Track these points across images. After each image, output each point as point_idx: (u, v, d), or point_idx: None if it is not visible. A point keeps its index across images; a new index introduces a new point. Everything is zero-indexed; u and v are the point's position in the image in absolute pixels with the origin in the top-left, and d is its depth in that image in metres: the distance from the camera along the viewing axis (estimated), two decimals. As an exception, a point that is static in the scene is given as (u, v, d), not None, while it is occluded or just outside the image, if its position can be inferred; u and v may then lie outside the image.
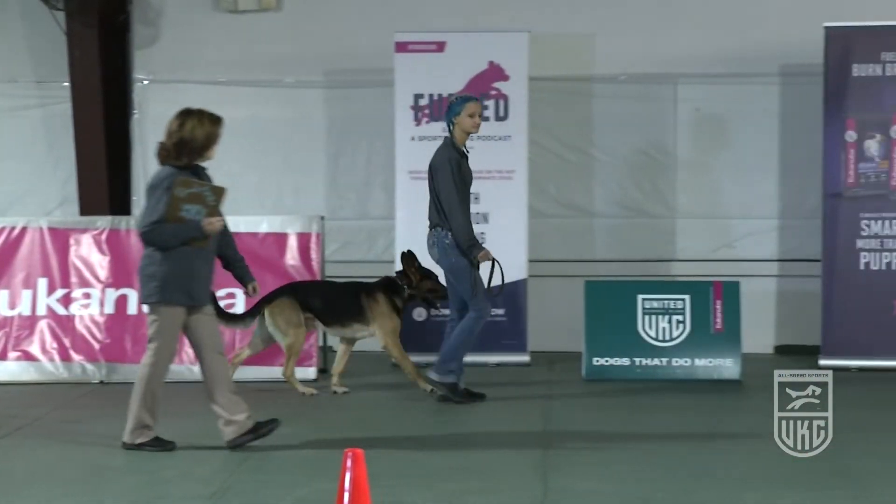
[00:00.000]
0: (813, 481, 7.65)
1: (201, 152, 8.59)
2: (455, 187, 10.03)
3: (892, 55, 11.89)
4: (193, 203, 8.40)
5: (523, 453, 8.63)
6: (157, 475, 8.12)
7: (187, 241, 8.42)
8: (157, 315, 8.52)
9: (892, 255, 11.94)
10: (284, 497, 7.49)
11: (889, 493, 7.47)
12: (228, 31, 13.22)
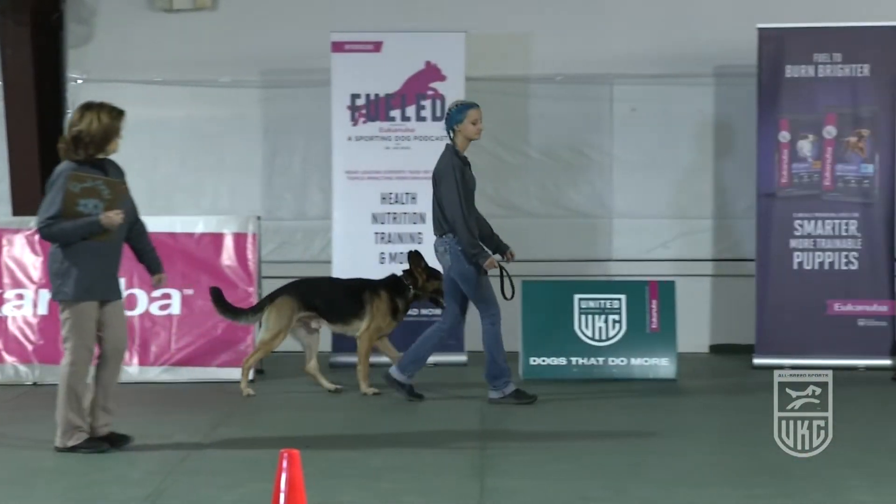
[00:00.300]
0: (740, 478, 7.74)
1: (101, 146, 8.47)
2: (459, 196, 10.00)
3: (825, 56, 11.99)
4: (89, 197, 8.32)
5: (460, 453, 8.65)
6: (91, 477, 8.07)
7: (88, 236, 8.32)
8: (69, 313, 8.41)
9: (825, 254, 12.05)
10: (220, 498, 7.47)
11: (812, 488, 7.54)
12: (163, 30, 13.15)
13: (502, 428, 9.49)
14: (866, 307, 12.04)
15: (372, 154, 12.20)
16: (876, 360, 11.89)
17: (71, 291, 8.34)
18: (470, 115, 10.10)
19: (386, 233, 12.20)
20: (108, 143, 8.50)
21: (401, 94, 12.20)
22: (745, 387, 11.22)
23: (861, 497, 7.41)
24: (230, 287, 11.45)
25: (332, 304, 10.98)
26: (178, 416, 9.89)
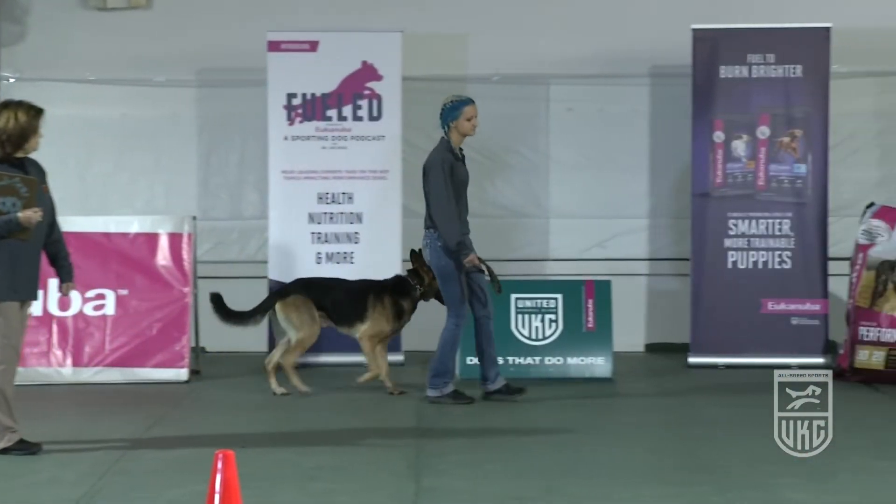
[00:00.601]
0: (678, 476, 7.78)
1: (19, 144, 8.33)
2: (444, 190, 10.00)
3: (758, 57, 12.09)
4: (7, 195, 8.23)
5: (396, 452, 8.65)
6: (24, 479, 8.02)
7: (7, 235, 8.23)
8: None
9: (759, 253, 12.15)
10: (154, 500, 7.44)
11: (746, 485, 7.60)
12: (97, 28, 13.07)
13: (439, 427, 9.51)
14: (799, 306, 12.14)
15: (308, 154, 12.19)
16: (809, 359, 11.95)
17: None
18: (465, 111, 10.11)
19: (322, 233, 12.19)
20: (26, 141, 8.36)
21: (337, 93, 12.19)
22: (680, 385, 11.31)
23: (794, 495, 7.48)
24: (165, 287, 11.44)
25: (339, 305, 10.92)
26: (113, 417, 9.84)
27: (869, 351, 11.35)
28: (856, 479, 7.92)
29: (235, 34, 12.76)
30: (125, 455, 8.61)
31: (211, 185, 13.17)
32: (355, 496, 7.49)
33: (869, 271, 11.48)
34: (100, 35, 13.06)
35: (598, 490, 7.57)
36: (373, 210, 12.21)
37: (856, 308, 11.50)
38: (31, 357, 11.26)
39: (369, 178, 12.20)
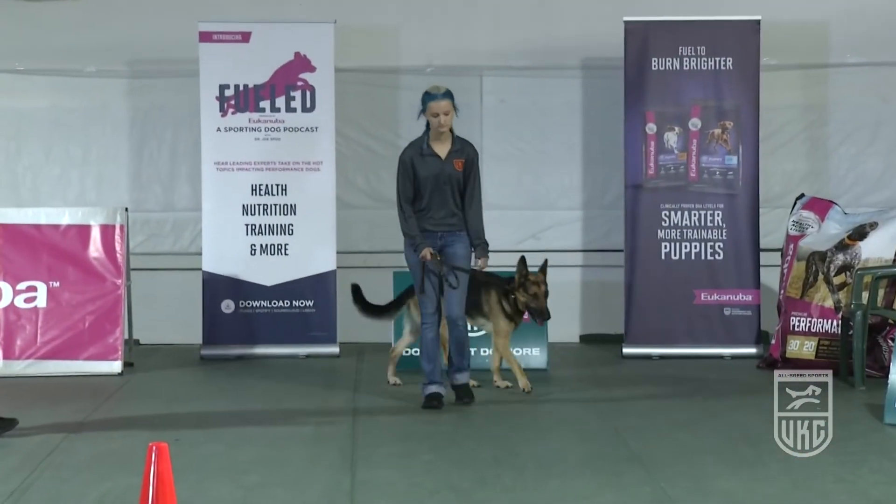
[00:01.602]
0: (609, 466, 7.84)
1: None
2: (399, 187, 9.72)
3: (689, 49, 12.17)
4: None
5: (331, 446, 8.67)
6: (-44, 474, 8.01)
7: None
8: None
9: (692, 244, 12.24)
10: (88, 493, 7.44)
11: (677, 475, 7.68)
12: (26, 18, 12.95)
13: (374, 420, 9.53)
14: (732, 296, 12.25)
15: (241, 145, 12.19)
16: (741, 349, 12.11)
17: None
18: (430, 106, 9.55)
19: (256, 224, 12.18)
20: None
21: (270, 84, 12.19)
22: (614, 376, 11.37)
23: (723, 484, 7.58)
24: (98, 279, 11.40)
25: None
26: (45, 410, 9.79)
27: (800, 341, 11.47)
28: (784, 468, 8.02)
29: (167, 24, 12.70)
30: (58, 448, 8.59)
31: (143, 176, 13.11)
32: (290, 489, 7.51)
33: (800, 262, 11.59)
34: (28, 24, 12.96)
35: (531, 480, 7.64)
36: (307, 201, 12.21)
37: (787, 298, 11.61)
38: (-32, 348, 11.25)
39: (303, 169, 12.21)
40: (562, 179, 13.16)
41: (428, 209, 9.69)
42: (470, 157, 9.77)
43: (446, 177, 9.65)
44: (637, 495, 7.32)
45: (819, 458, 8.19)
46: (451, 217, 9.75)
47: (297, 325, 12.18)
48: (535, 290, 10.26)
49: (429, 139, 9.66)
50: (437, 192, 9.67)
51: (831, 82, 13.07)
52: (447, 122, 9.53)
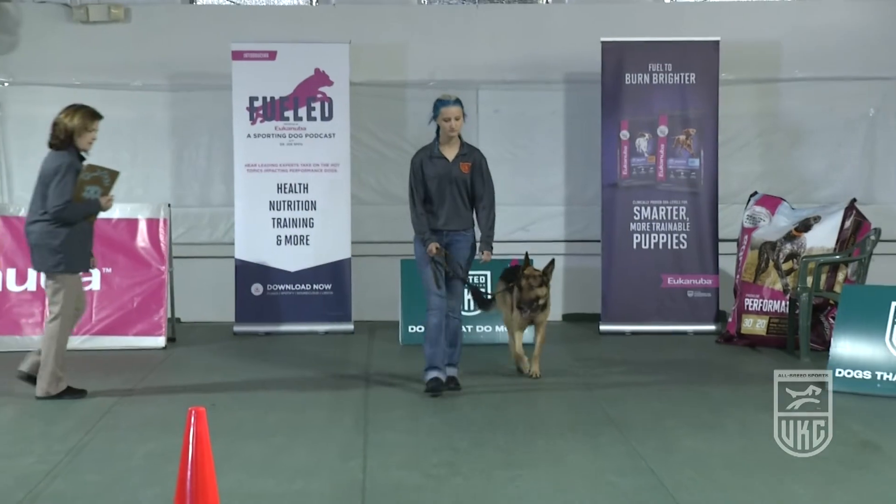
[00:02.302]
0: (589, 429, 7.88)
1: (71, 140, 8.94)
2: (410, 186, 9.26)
3: (658, 66, 12.14)
4: (94, 184, 8.84)
5: (347, 410, 8.70)
6: (20, 434, 8.03)
7: (84, 217, 8.84)
8: (61, 282, 8.88)
9: (659, 235, 12.22)
10: (136, 451, 7.48)
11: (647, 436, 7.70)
12: (81, 39, 12.96)
13: (384, 389, 9.55)
14: (694, 281, 12.24)
15: (268, 149, 12.17)
16: (702, 326, 12.11)
17: (67, 265, 8.88)
18: (442, 111, 9.13)
19: (281, 218, 12.18)
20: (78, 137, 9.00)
21: (293, 96, 12.17)
22: (592, 351, 11.35)
23: (686, 443, 7.61)
24: (144, 266, 11.43)
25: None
26: (98, 379, 9.81)
27: (753, 319, 11.48)
28: (740, 430, 8.05)
29: (203, 44, 12.68)
30: (110, 411, 8.63)
31: (183, 176, 13.10)
32: (311, 449, 7.56)
33: (753, 251, 11.60)
34: (83, 45, 12.95)
35: (521, 441, 7.69)
36: (325, 198, 12.20)
37: (742, 282, 11.62)
38: (27, 327, 11.25)
39: (322, 170, 12.20)
40: (548, 179, 13.14)
41: (435, 208, 9.22)
42: (477, 161, 9.29)
43: (452, 178, 9.17)
44: (612, 454, 7.37)
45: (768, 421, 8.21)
46: (456, 216, 9.24)
47: (316, 306, 12.18)
48: (523, 283, 9.59)
49: (439, 143, 9.26)
50: (444, 192, 9.19)
51: (781, 94, 13.06)
52: (457, 127, 9.13)
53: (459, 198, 9.22)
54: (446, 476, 6.90)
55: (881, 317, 9.22)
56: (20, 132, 13.01)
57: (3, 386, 9.62)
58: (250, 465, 7.13)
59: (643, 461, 7.16)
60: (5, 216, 11.53)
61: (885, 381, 9.06)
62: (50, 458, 7.32)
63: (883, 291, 9.55)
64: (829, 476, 6.90)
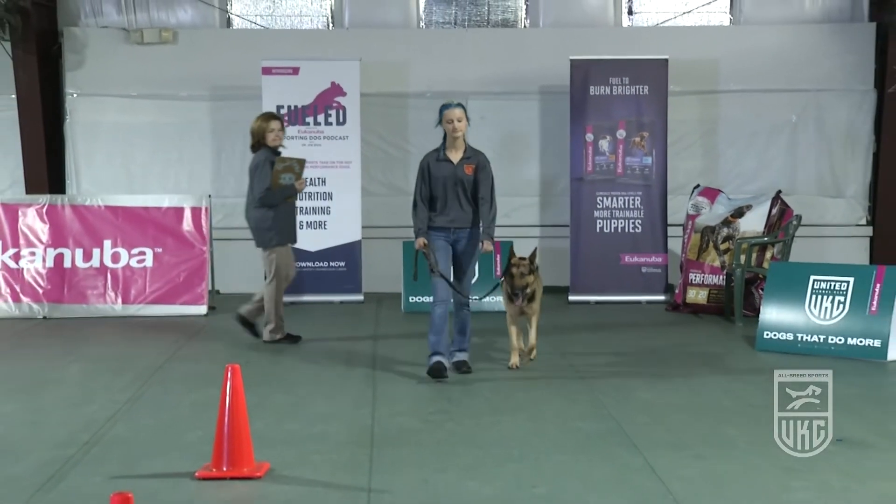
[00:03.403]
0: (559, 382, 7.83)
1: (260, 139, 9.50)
2: (416, 185, 8.33)
3: (617, 80, 12.10)
4: (287, 172, 9.32)
5: (358, 368, 8.69)
6: (86, 386, 8.03)
7: (283, 200, 9.32)
8: (275, 253, 9.40)
9: (618, 221, 12.19)
10: (182, 401, 7.48)
11: (609, 387, 7.69)
12: (137, 58, 12.94)
13: (389, 349, 9.54)
14: (647, 258, 12.23)
15: (293, 149, 11.99)
16: (654, 297, 12.10)
17: (278, 239, 9.39)
18: (445, 114, 8.30)
19: (303, 206, 12.12)
20: (263, 137, 9.47)
21: (313, 105, 12.13)
22: (563, 317, 11.34)
23: (641, 394, 7.61)
24: (189, 246, 11.42)
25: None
26: (151, 341, 9.82)
27: (696, 290, 11.48)
28: (686, 382, 8.05)
29: (238, 62, 12.65)
30: (161, 368, 8.64)
31: (221, 172, 13.07)
32: (329, 398, 7.57)
33: (696, 234, 11.59)
34: (138, 62, 12.95)
35: (503, 392, 7.68)
36: (340, 190, 12.16)
37: (687, 260, 11.61)
38: (92, 297, 11.24)
39: (337, 167, 12.16)
40: (525, 174, 13.11)
41: (441, 208, 8.30)
42: (481, 163, 8.36)
43: (457, 179, 8.25)
44: (579, 401, 7.38)
45: (710, 376, 8.23)
46: (461, 215, 8.31)
47: (333, 280, 12.17)
48: (513, 272, 8.47)
49: (444, 147, 8.36)
50: (449, 192, 8.27)
51: (720, 104, 13.05)
52: (460, 128, 8.27)
53: (464, 197, 8.32)
54: (441, 421, 6.89)
55: (801, 288, 9.22)
56: (86, 136, 13.01)
57: (73, 347, 9.64)
58: (278, 412, 7.13)
59: (605, 409, 7.16)
60: (74, 205, 11.49)
61: (804, 342, 9.07)
62: (111, 406, 7.33)
63: (803, 267, 9.56)
64: (757, 420, 6.90)
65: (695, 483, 5.64)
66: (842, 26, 13.11)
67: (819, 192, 13.08)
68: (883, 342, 8.70)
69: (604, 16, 13.30)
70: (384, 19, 13.32)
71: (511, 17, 13.55)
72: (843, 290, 9.04)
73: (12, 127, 12.92)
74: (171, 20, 13.24)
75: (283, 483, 5.69)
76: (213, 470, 5.77)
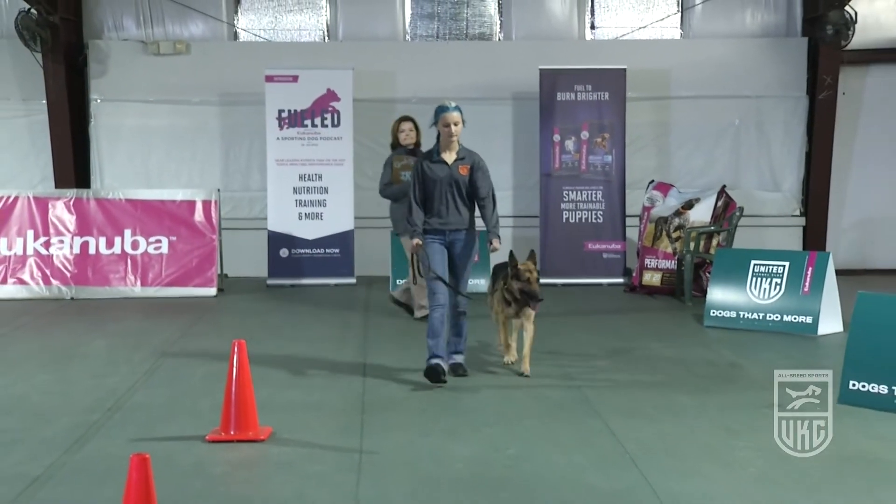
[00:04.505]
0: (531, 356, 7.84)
1: (395, 138, 9.75)
2: (410, 188, 7.33)
3: (581, 87, 12.09)
4: (407, 170, 9.25)
5: (351, 341, 8.70)
6: (109, 359, 8.00)
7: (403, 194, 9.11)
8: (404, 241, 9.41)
9: (582, 212, 12.18)
10: (195, 372, 7.47)
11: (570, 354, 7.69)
12: (154, 67, 12.84)
13: (378, 327, 9.52)
14: (608, 246, 12.23)
15: (293, 148, 12.08)
16: (614, 280, 12.08)
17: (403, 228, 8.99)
18: (442, 117, 7.30)
19: (302, 199, 12.09)
20: (395, 137, 9.70)
21: (311, 109, 12.06)
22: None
23: (600, 363, 7.63)
24: (200, 235, 11.34)
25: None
26: (168, 319, 9.79)
27: (651, 274, 11.49)
28: (643, 354, 8.07)
29: (244, 70, 12.58)
30: (175, 343, 8.61)
31: (230, 169, 12.99)
32: (324, 368, 7.56)
33: (651, 224, 11.60)
34: (155, 71, 12.85)
35: (481, 365, 7.66)
36: (335, 185, 12.09)
37: (643, 247, 11.60)
38: (114, 280, 11.18)
39: (332, 164, 12.11)
40: (500, 170, 12.92)
41: (436, 210, 7.27)
42: (476, 163, 7.37)
43: (452, 180, 7.24)
44: (547, 374, 7.37)
45: (663, 350, 8.25)
46: (456, 217, 7.28)
47: (328, 265, 12.12)
48: (528, 276, 7.30)
49: (439, 148, 7.38)
50: (444, 193, 7.25)
51: (671, 109, 13.03)
52: (457, 132, 7.31)
53: (459, 198, 7.29)
54: (425, 389, 6.89)
55: (743, 272, 9.25)
56: (109, 137, 12.92)
57: (96, 325, 9.60)
58: (279, 382, 7.13)
59: (570, 379, 7.17)
60: (98, 198, 11.42)
61: (745, 318, 9.11)
62: (131, 377, 7.31)
63: (745, 253, 9.60)
64: (706, 387, 6.94)
65: (648, 444, 5.66)
66: (778, 40, 13.14)
67: (759, 187, 13.11)
68: (814, 319, 8.75)
69: (569, 30, 13.27)
70: (374, 33, 13.26)
71: (487, 31, 13.51)
72: (779, 273, 9.08)
73: (43, 129, 12.81)
74: (185, 33, 13.15)
75: (284, 445, 5.69)
76: (222, 434, 5.76)
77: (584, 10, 13.31)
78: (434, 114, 7.36)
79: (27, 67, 12.68)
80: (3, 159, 12.97)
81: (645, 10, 13.40)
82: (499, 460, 5.40)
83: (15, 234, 11.25)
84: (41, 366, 7.76)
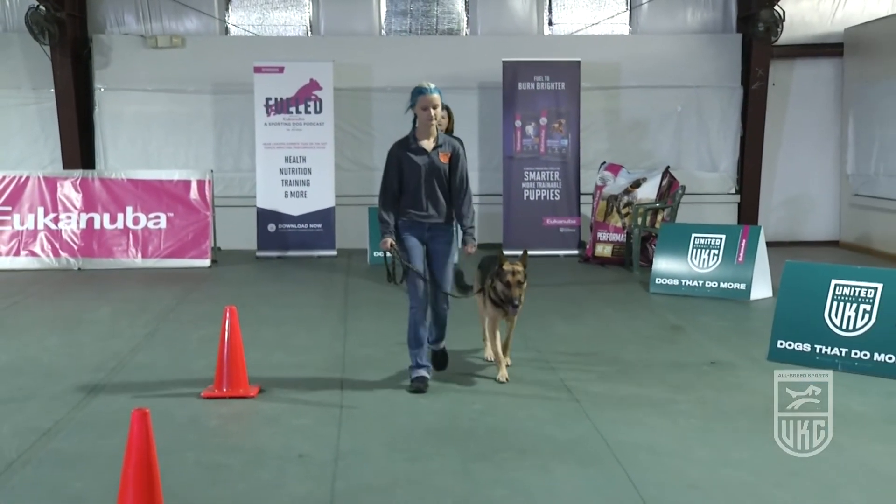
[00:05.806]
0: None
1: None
2: (385, 177, 5.97)
3: (540, 77, 12.06)
4: None
5: (333, 307, 8.67)
6: (113, 325, 7.93)
7: None
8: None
9: (541, 191, 12.17)
10: (191, 336, 7.42)
11: (536, 325, 7.68)
12: (152, 59, 12.68)
13: (357, 293, 9.50)
14: (564, 221, 12.24)
15: (279, 133, 11.97)
16: (569, 252, 12.11)
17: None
18: (419, 100, 5.86)
19: (288, 179, 12.00)
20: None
21: (295, 97, 11.95)
22: (495, 267, 11.36)
23: (559, 329, 7.65)
24: (195, 212, 11.23)
25: None
26: (166, 288, 9.70)
27: (603, 246, 11.52)
28: (595, 318, 8.10)
29: (235, 62, 12.45)
30: (174, 309, 8.54)
31: (222, 151, 12.87)
32: (309, 332, 7.53)
33: (602, 201, 11.61)
34: (154, 63, 12.69)
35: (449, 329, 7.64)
36: (317, 166, 12.00)
37: (595, 222, 11.63)
38: (117, 252, 11.07)
39: (315, 147, 12.02)
40: (469, 154, 12.70)
41: (415, 201, 5.93)
42: (456, 150, 6.00)
43: (434, 169, 5.90)
44: (509, 335, 7.36)
45: (613, 314, 8.27)
46: (437, 209, 5.96)
47: (312, 238, 12.06)
48: (507, 279, 6.00)
49: (415, 134, 5.97)
50: (424, 184, 5.92)
51: (621, 97, 13.03)
52: (438, 115, 5.91)
53: (440, 189, 5.95)
54: (400, 352, 6.85)
55: (685, 244, 9.29)
56: (112, 123, 12.79)
57: (101, 293, 9.50)
58: (268, 345, 7.09)
59: (530, 341, 7.18)
60: (102, 178, 11.31)
61: (686, 286, 9.16)
62: (133, 340, 7.25)
63: (686, 227, 9.63)
64: (651, 347, 6.97)
65: (599, 397, 5.68)
66: (716, 36, 13.14)
67: (699, 168, 13.15)
68: (747, 286, 8.82)
69: (529, 26, 13.21)
70: (353, 28, 13.15)
71: (455, 27, 13.42)
72: (717, 245, 9.12)
73: (51, 115, 12.65)
74: (180, 28, 12.98)
75: (272, 401, 5.67)
76: (215, 391, 5.74)
77: (543, 7, 13.26)
78: (411, 96, 5.93)
79: (36, 59, 12.50)
80: (15, 143, 12.83)
81: (597, 8, 13.36)
82: (466, 414, 5.41)
83: (27, 211, 11.12)
84: (51, 330, 7.69)
